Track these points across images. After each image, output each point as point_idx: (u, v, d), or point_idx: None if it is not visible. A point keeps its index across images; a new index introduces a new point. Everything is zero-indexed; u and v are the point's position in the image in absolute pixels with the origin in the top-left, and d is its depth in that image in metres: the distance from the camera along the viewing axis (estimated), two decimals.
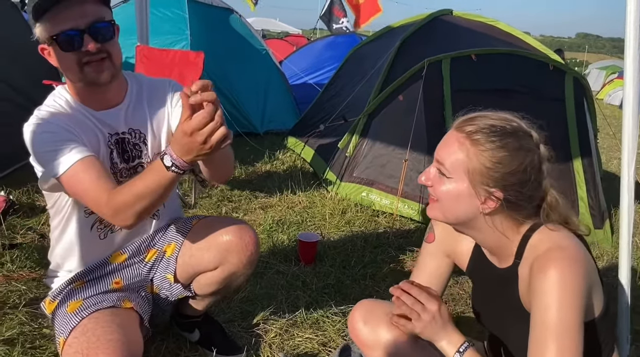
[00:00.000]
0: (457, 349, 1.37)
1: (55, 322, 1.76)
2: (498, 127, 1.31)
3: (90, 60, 1.59)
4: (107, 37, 1.60)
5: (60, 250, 1.85)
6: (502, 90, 3.96)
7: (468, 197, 1.32)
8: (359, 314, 1.67)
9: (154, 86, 1.87)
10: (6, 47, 4.44)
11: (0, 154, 3.84)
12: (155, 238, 1.95)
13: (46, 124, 1.62)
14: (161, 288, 1.94)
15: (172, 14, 5.89)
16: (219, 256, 1.83)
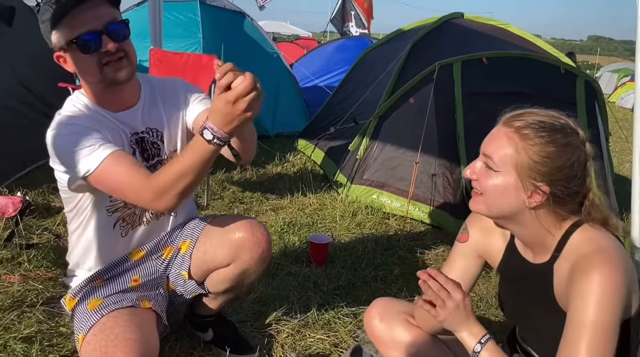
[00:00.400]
0: (478, 340, 1.39)
1: (75, 319, 1.80)
2: (547, 123, 1.33)
3: (110, 60, 1.63)
4: (124, 37, 1.65)
5: (80, 250, 1.88)
6: (513, 94, 3.94)
7: (515, 190, 1.34)
8: (375, 311, 1.69)
9: (165, 85, 1.92)
10: (24, 52, 4.51)
11: (16, 156, 3.91)
12: (172, 235, 1.99)
13: (69, 126, 1.65)
14: (176, 285, 1.98)
15: (184, 17, 5.94)
16: (232, 253, 1.86)
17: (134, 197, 1.61)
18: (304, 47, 12.29)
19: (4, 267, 2.66)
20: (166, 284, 2.00)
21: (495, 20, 5.22)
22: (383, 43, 5.75)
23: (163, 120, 1.86)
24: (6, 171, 3.86)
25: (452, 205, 3.74)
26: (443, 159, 3.85)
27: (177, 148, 1.89)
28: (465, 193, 3.73)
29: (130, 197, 1.63)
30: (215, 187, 4.29)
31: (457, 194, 3.76)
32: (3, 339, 2.03)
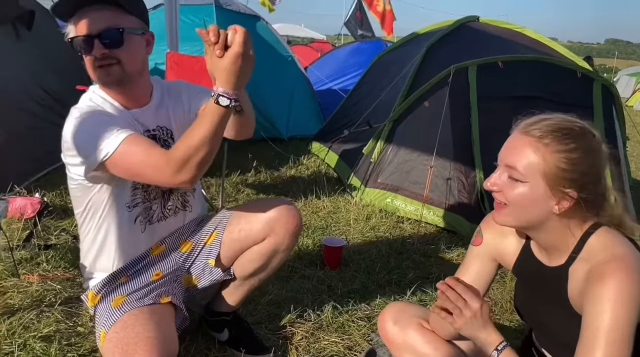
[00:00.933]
0: (495, 347, 1.40)
1: (97, 315, 1.83)
2: (567, 129, 1.34)
3: (101, 64, 1.68)
4: (115, 44, 1.68)
5: (97, 252, 1.90)
6: (529, 98, 3.95)
7: (544, 199, 1.34)
8: (389, 314, 1.70)
9: (170, 86, 1.99)
10: (43, 55, 4.59)
11: (35, 157, 3.96)
12: (190, 229, 2.04)
13: (86, 115, 1.71)
14: (201, 277, 2.01)
15: (200, 20, 5.98)
16: (267, 227, 1.93)
17: (153, 173, 1.63)
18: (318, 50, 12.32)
19: (23, 267, 2.70)
20: (187, 278, 2.03)
21: (511, 23, 5.20)
22: (398, 46, 5.75)
23: (171, 119, 1.93)
24: (24, 172, 3.92)
25: (467, 209, 3.72)
26: (458, 162, 3.84)
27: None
28: (481, 197, 3.72)
29: (149, 175, 1.65)
30: (230, 189, 4.32)
31: (472, 198, 3.75)
32: (23, 338, 2.06)
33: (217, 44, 1.44)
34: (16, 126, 3.93)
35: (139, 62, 1.78)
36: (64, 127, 1.71)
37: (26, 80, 4.31)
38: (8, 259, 2.67)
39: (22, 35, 4.35)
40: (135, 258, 1.93)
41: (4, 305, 2.34)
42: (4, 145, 3.66)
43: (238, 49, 1.43)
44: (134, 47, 1.73)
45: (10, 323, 2.16)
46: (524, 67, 4.13)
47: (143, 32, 1.78)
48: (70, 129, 1.69)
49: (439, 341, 1.65)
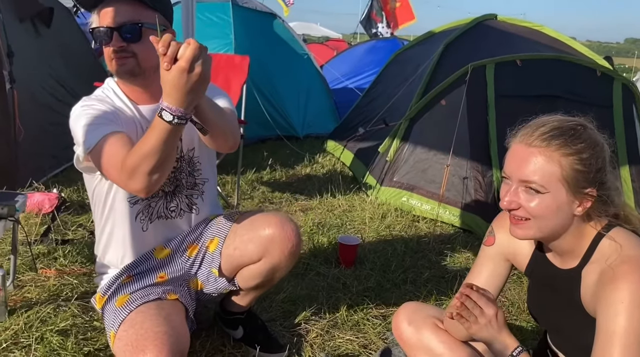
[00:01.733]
0: (510, 353, 1.40)
1: (105, 317, 1.84)
2: (570, 130, 1.32)
3: (117, 56, 1.71)
4: (133, 39, 1.70)
5: (106, 243, 1.93)
6: (548, 97, 3.91)
7: (567, 204, 1.32)
8: (404, 314, 1.69)
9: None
10: (62, 52, 4.63)
11: (52, 153, 4.00)
12: (196, 233, 2.00)
13: (90, 106, 1.75)
14: (206, 283, 1.99)
15: (217, 18, 6.00)
16: (262, 248, 1.87)
17: (115, 176, 1.64)
18: (334, 49, 12.30)
19: (40, 261, 2.72)
20: (195, 282, 2.02)
21: (529, 22, 5.15)
22: (414, 45, 5.72)
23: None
24: (43, 168, 3.96)
25: (483, 208, 3.69)
26: (475, 161, 3.81)
27: (194, 146, 1.92)
28: (497, 196, 3.68)
29: (113, 176, 1.66)
30: (245, 187, 4.33)
31: (489, 197, 3.71)
32: (40, 332, 2.08)
33: (166, 56, 1.39)
34: (36, 122, 3.97)
35: (155, 58, 1.78)
36: (71, 113, 1.77)
37: (45, 77, 4.35)
38: (26, 254, 2.70)
39: (41, 32, 4.39)
40: (139, 258, 1.92)
41: (22, 299, 2.37)
42: (23, 141, 3.70)
43: (183, 64, 1.37)
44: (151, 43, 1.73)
45: (28, 316, 2.18)
46: (543, 65, 4.09)
47: (164, 28, 1.77)
48: (72, 117, 1.75)
49: (453, 342, 1.64)
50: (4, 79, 3.62)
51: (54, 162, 4.08)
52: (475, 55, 4.12)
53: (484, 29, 4.92)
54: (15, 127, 3.65)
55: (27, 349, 1.99)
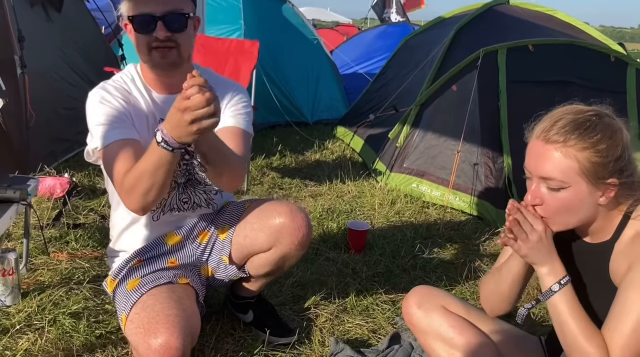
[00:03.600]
0: (558, 280, 1.37)
1: (116, 300, 1.86)
2: (585, 122, 1.32)
3: (159, 46, 1.68)
4: (179, 28, 1.68)
5: (118, 228, 1.95)
6: (560, 82, 3.87)
7: (589, 196, 1.33)
8: (413, 298, 1.70)
9: (220, 84, 1.92)
10: (74, 39, 4.65)
11: (64, 138, 4.02)
12: (208, 220, 2.01)
13: (106, 98, 1.74)
14: (217, 270, 2.00)
15: (226, 4, 5.98)
16: (272, 238, 1.87)
17: (116, 188, 1.69)
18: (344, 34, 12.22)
19: (52, 245, 2.75)
20: (205, 269, 2.03)
21: (542, 6, 5.08)
22: (425, 30, 5.67)
23: None
24: (54, 153, 3.99)
25: (494, 195, 3.67)
26: (485, 148, 3.78)
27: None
28: (508, 183, 3.67)
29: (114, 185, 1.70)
30: (255, 172, 4.33)
31: (500, 184, 3.69)
32: (53, 314, 2.11)
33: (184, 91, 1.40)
34: (47, 107, 3.99)
35: (191, 46, 1.78)
36: (88, 96, 1.78)
37: (57, 61, 4.37)
38: (38, 238, 2.73)
39: (52, 17, 4.40)
40: (150, 244, 1.93)
41: (34, 282, 2.39)
42: (34, 126, 3.72)
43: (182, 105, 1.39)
44: (190, 32, 1.74)
45: (40, 299, 2.21)
46: (555, 50, 4.04)
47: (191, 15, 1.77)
48: (88, 105, 1.76)
49: (463, 326, 1.64)
50: (15, 64, 3.63)
51: (66, 146, 4.10)
52: (487, 41, 4.08)
53: (496, 14, 4.86)
54: (26, 112, 3.67)
55: (40, 331, 2.01)
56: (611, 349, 1.26)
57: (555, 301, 1.36)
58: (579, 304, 1.35)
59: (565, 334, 1.35)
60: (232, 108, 1.89)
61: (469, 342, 1.62)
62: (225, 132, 1.83)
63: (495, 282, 1.60)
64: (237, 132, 1.86)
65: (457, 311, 1.69)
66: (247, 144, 1.90)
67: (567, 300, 1.35)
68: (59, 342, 1.96)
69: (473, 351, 1.60)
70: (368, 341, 2.20)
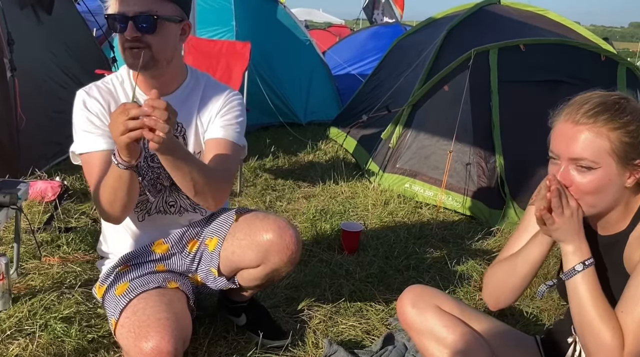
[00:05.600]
0: (582, 260, 1.38)
1: (106, 306, 1.84)
2: (614, 104, 1.35)
3: (131, 46, 1.68)
4: (148, 30, 1.66)
5: (106, 229, 1.95)
6: (552, 81, 3.88)
7: (618, 177, 1.35)
8: (407, 297, 1.69)
9: (215, 88, 1.92)
10: (65, 41, 4.62)
11: (56, 141, 4.00)
12: (196, 229, 1.99)
13: (87, 103, 1.77)
14: (206, 280, 1.99)
15: (218, 5, 5.95)
16: (261, 255, 1.85)
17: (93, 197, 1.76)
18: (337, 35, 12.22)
19: (44, 249, 2.73)
20: (195, 278, 2.01)
21: (533, 6, 5.10)
22: (417, 30, 5.68)
23: (192, 117, 1.86)
24: (45, 156, 3.96)
25: (486, 194, 3.68)
26: (478, 147, 3.79)
27: (201, 150, 1.88)
28: (501, 182, 3.68)
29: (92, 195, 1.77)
30: (248, 174, 4.32)
31: (492, 183, 3.70)
32: (44, 319, 2.09)
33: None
34: (38, 110, 3.96)
35: (169, 50, 1.76)
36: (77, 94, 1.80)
37: (48, 64, 4.34)
38: (30, 242, 2.71)
39: (42, 19, 4.37)
40: (137, 250, 1.92)
41: (25, 286, 2.38)
42: (25, 129, 3.69)
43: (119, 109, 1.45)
44: (166, 35, 1.71)
45: (31, 304, 2.19)
46: (546, 50, 4.05)
47: (180, 20, 1.75)
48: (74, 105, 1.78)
49: (456, 325, 1.64)
50: (5, 67, 3.60)
51: (57, 150, 4.07)
52: (479, 41, 4.09)
53: (487, 14, 4.87)
54: (16, 116, 3.64)
55: (32, 336, 2.00)
56: (626, 334, 1.28)
57: (577, 281, 1.37)
58: (600, 288, 1.36)
59: (581, 315, 1.36)
60: (223, 118, 1.86)
61: (463, 342, 1.61)
62: (212, 144, 1.82)
63: (506, 271, 1.59)
64: (225, 145, 1.83)
65: (451, 310, 1.68)
66: (234, 157, 1.87)
67: (588, 281, 1.36)
68: (50, 347, 1.95)
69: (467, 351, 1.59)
70: (362, 342, 2.20)
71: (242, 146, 1.92)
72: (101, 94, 1.79)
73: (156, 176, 1.85)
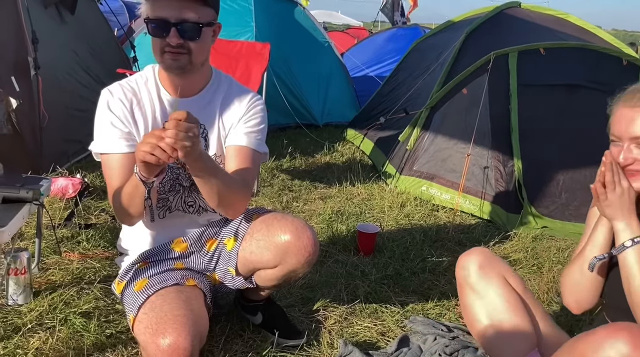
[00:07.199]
0: (632, 237, 1.45)
1: (124, 302, 1.87)
2: None
3: (171, 51, 1.70)
4: (192, 37, 1.69)
5: (126, 228, 1.98)
6: (572, 86, 3.86)
7: None
8: (475, 257, 1.72)
9: (238, 91, 1.94)
10: (87, 40, 4.69)
11: (77, 138, 4.06)
12: (215, 228, 2.01)
13: (111, 103, 1.80)
14: (224, 279, 2.00)
15: (238, 6, 6.00)
16: (278, 256, 1.86)
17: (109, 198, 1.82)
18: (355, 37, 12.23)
19: (64, 245, 2.77)
20: (213, 277, 2.03)
21: (554, 10, 5.07)
22: (436, 33, 5.67)
23: (215, 119, 1.89)
24: (67, 153, 4.02)
25: (504, 198, 3.66)
26: (496, 151, 3.77)
27: (222, 153, 1.90)
28: (518, 186, 3.65)
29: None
30: (265, 174, 4.35)
31: (510, 188, 3.68)
32: (64, 313, 2.12)
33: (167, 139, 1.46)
34: (61, 108, 4.03)
35: (205, 53, 1.80)
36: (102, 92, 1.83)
37: (71, 63, 4.40)
38: (50, 237, 2.75)
39: (65, 19, 4.44)
40: (156, 248, 1.94)
41: (46, 281, 2.42)
42: (47, 127, 3.75)
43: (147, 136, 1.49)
44: (205, 40, 1.75)
45: (52, 299, 2.23)
46: (567, 54, 4.02)
47: (213, 22, 1.78)
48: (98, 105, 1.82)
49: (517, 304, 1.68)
50: (29, 65, 3.66)
51: (78, 147, 4.13)
52: (498, 44, 4.07)
53: (507, 17, 4.85)
54: (39, 113, 3.70)
55: (52, 330, 2.03)
56: None
57: (626, 256, 1.44)
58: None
59: (632, 289, 1.42)
60: (246, 124, 1.88)
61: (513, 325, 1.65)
62: (234, 151, 1.85)
63: (579, 267, 1.61)
64: (246, 153, 1.86)
65: (516, 287, 1.69)
66: (255, 166, 1.90)
67: (638, 257, 1.42)
68: (69, 342, 1.97)
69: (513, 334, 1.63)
70: (377, 343, 2.20)
71: (264, 153, 1.94)
72: (125, 93, 1.82)
73: (175, 176, 1.87)
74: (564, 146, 3.78)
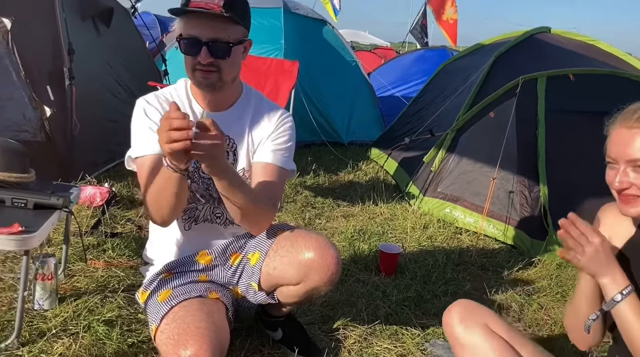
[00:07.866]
0: (620, 290, 1.39)
1: (148, 311, 1.89)
2: None
3: (201, 69, 1.74)
4: (222, 56, 1.73)
5: (154, 234, 2.01)
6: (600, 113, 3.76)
7: None
8: (456, 310, 1.68)
9: (268, 108, 1.97)
10: (121, 53, 4.80)
11: (106, 148, 4.14)
12: (240, 242, 2.03)
13: (147, 110, 1.84)
14: (246, 294, 2.01)
15: (268, 23, 6.08)
16: (301, 273, 1.86)
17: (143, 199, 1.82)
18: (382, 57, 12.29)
19: (90, 252, 2.82)
20: (235, 291, 2.04)
21: (584, 36, 5.03)
22: (464, 55, 5.67)
23: (244, 134, 1.92)
24: (96, 162, 4.10)
25: (528, 224, 3.62)
26: (522, 176, 3.74)
27: (250, 168, 1.92)
28: (544, 213, 3.61)
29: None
30: (289, 190, 4.37)
31: (535, 213, 3.64)
32: (87, 320, 2.15)
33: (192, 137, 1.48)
34: (92, 118, 4.11)
35: (236, 70, 1.84)
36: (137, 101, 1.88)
37: (104, 75, 4.51)
38: (77, 245, 2.80)
39: (101, 31, 4.55)
40: (180, 259, 1.96)
41: (71, 288, 2.45)
42: (79, 135, 3.84)
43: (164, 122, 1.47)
44: (235, 58, 1.78)
45: (76, 305, 2.26)
46: (596, 81, 3.99)
47: (244, 39, 1.82)
48: (134, 112, 1.86)
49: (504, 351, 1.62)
50: (64, 75, 3.76)
51: (108, 157, 4.21)
52: (527, 68, 4.06)
53: (537, 42, 4.84)
54: (72, 122, 3.78)
55: (75, 336, 2.06)
56: None
57: (619, 310, 1.39)
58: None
59: (632, 340, 1.38)
60: (274, 141, 1.91)
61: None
62: (261, 168, 1.87)
63: (574, 310, 1.59)
64: (273, 170, 1.88)
65: (500, 332, 1.67)
66: (280, 183, 1.91)
67: (631, 308, 1.38)
68: (92, 349, 2.00)
69: None
70: None
71: (291, 170, 1.96)
72: (160, 103, 1.86)
73: (206, 187, 1.90)
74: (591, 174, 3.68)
